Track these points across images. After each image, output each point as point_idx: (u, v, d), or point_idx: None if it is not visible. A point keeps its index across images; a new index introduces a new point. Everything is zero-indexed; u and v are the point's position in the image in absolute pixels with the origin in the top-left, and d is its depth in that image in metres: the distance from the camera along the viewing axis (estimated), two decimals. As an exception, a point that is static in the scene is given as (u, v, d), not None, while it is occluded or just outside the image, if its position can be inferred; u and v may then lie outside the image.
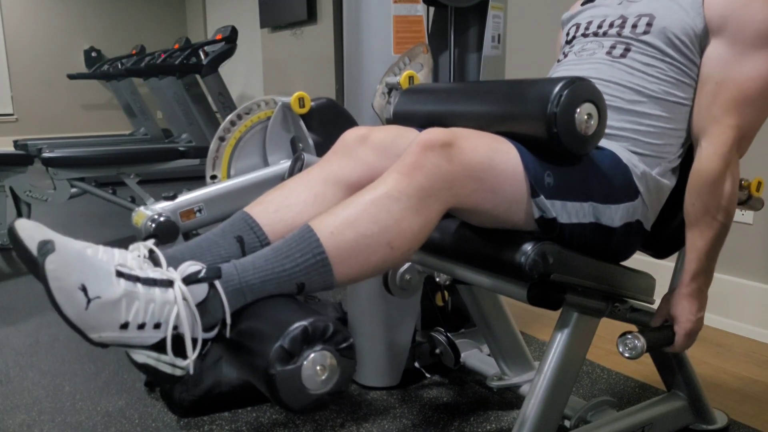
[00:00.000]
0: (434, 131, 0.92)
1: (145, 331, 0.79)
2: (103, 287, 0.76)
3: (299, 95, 1.44)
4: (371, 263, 0.90)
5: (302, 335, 0.78)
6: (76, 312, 0.74)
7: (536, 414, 1.07)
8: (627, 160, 1.10)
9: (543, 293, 1.05)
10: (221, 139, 1.49)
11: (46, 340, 1.97)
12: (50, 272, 0.73)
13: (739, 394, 1.62)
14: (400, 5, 1.48)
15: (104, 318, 0.76)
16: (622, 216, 1.07)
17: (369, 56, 1.51)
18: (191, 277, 0.82)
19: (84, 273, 0.75)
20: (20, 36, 7.09)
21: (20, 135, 6.98)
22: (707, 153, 1.09)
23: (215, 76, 4.81)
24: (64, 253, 0.74)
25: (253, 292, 0.85)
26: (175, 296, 0.80)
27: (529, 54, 2.56)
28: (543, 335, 1.97)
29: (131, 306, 0.77)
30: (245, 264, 0.86)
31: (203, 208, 1.36)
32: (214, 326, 0.83)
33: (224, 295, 0.83)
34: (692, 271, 1.12)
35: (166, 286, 0.80)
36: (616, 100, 1.13)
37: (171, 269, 0.83)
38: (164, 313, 0.79)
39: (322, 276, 0.88)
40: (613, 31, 1.20)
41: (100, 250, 0.86)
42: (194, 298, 0.81)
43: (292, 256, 0.87)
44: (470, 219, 1.04)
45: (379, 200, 0.89)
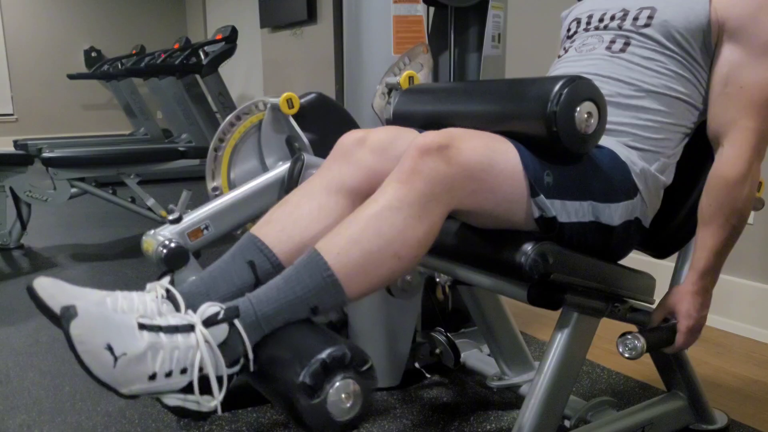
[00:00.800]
0: (430, 135, 0.92)
1: (173, 377, 0.82)
2: (128, 343, 0.79)
3: (287, 96, 1.44)
4: (380, 276, 0.91)
5: (322, 368, 0.81)
6: (105, 371, 0.77)
7: (536, 414, 1.07)
8: (625, 157, 1.10)
9: (543, 293, 1.05)
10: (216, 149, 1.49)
11: (46, 340, 1.97)
12: (76, 337, 0.76)
13: (739, 394, 1.62)
14: (400, 5, 1.48)
15: (132, 373, 0.79)
16: (621, 214, 1.07)
17: (369, 56, 1.51)
18: (211, 319, 0.85)
19: (108, 332, 0.78)
20: (20, 36, 7.09)
21: (20, 135, 6.98)
22: (729, 155, 1.09)
23: (215, 76, 4.81)
24: (87, 317, 0.77)
25: (270, 323, 0.88)
26: (197, 340, 0.83)
27: (529, 54, 2.56)
28: (543, 335, 1.97)
29: (157, 356, 0.80)
30: (259, 296, 0.89)
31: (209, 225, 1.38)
32: (237, 360, 0.86)
33: (244, 332, 0.86)
34: (700, 269, 1.12)
35: (188, 331, 0.83)
36: (614, 95, 1.13)
37: (190, 312, 0.86)
38: (189, 357, 0.82)
39: (333, 296, 0.90)
40: (614, 24, 1.20)
41: (119, 298, 0.91)
42: (215, 339, 0.84)
43: (302, 282, 0.89)
44: (471, 220, 1.04)
45: (380, 213, 0.90)
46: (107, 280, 2.60)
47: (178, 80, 4.95)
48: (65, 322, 0.75)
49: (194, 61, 4.77)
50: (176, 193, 3.53)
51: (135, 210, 3.28)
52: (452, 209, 0.94)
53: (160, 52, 5.25)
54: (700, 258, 1.12)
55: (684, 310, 1.12)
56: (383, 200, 0.91)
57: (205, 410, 0.86)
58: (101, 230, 3.51)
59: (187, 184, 3.73)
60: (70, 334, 0.75)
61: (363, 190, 1.06)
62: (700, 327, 1.13)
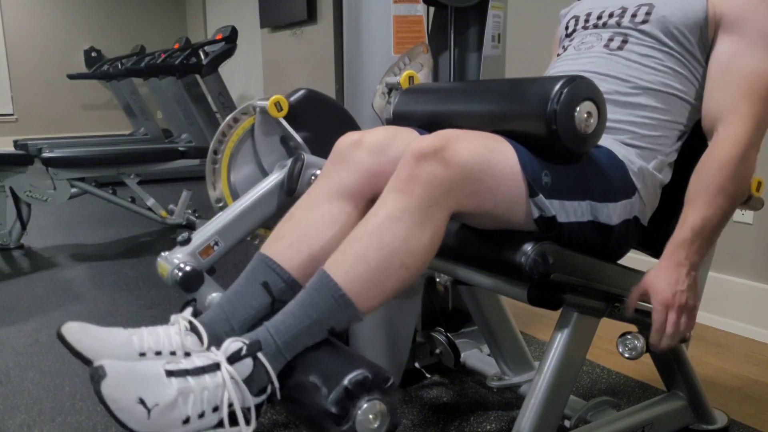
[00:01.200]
0: (425, 139, 0.92)
1: (206, 417, 0.85)
2: (159, 393, 0.81)
3: (275, 100, 1.43)
4: (390, 288, 0.94)
5: (346, 395, 0.85)
6: (141, 424, 0.80)
7: (536, 414, 1.07)
8: (623, 156, 1.10)
9: (543, 293, 1.05)
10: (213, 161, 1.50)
11: (46, 340, 1.97)
12: (108, 397, 0.78)
13: (739, 394, 1.62)
14: (400, 5, 1.48)
15: (167, 420, 0.81)
16: (620, 214, 1.07)
17: (369, 56, 1.51)
18: (235, 355, 0.88)
19: (138, 386, 0.80)
20: (20, 36, 7.09)
21: (20, 135, 6.98)
22: (723, 136, 1.07)
23: (215, 76, 4.81)
24: (115, 375, 0.80)
25: (291, 350, 0.91)
26: (224, 378, 0.86)
27: (529, 54, 2.56)
28: (543, 335, 1.97)
29: (187, 400, 0.83)
30: (277, 325, 0.92)
31: (219, 240, 1.40)
32: (264, 389, 0.89)
33: (268, 364, 0.89)
34: (675, 242, 1.04)
35: (214, 370, 0.86)
36: (612, 93, 1.13)
37: (214, 350, 0.89)
38: (218, 396, 0.85)
39: (348, 314, 0.93)
40: (612, 21, 1.20)
41: (144, 335, 0.96)
42: (241, 375, 0.87)
43: (316, 306, 0.91)
44: (472, 222, 1.04)
45: (382, 226, 0.91)
46: (107, 280, 2.60)
47: (178, 80, 4.95)
48: (95, 384, 0.78)
49: (194, 61, 4.77)
50: (176, 193, 3.54)
51: (135, 210, 3.28)
52: (453, 211, 0.94)
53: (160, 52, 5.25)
54: (677, 232, 1.05)
55: (657, 285, 1.03)
56: (384, 212, 0.92)
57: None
58: (101, 230, 3.51)
59: (187, 184, 3.73)
60: (102, 395, 0.78)
61: (365, 193, 1.07)
62: (678, 303, 1.02)
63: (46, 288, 2.50)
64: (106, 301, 2.33)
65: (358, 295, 0.91)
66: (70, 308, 2.26)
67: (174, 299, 2.34)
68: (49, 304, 2.31)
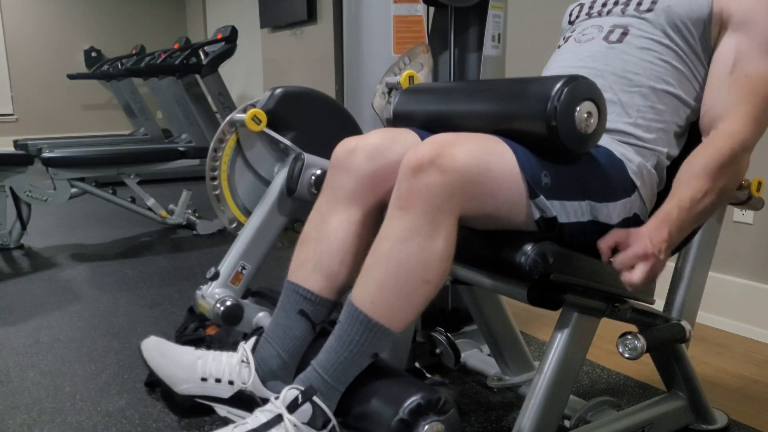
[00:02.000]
0: (420, 148, 0.92)
1: None
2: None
3: (251, 114, 1.43)
4: (417, 302, 0.98)
5: (417, 408, 0.91)
6: None
7: (536, 414, 1.07)
8: (621, 155, 1.10)
9: (543, 293, 1.05)
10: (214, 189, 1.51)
11: (46, 340, 1.97)
12: None
13: (739, 394, 1.62)
14: (400, 5, 1.48)
15: None
16: (619, 212, 1.07)
17: (369, 56, 1.51)
18: (293, 404, 0.97)
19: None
20: (20, 36, 7.09)
21: (20, 135, 6.98)
22: (723, 131, 1.07)
23: (215, 76, 4.80)
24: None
25: (342, 383, 0.99)
26: (287, 428, 0.95)
27: (529, 54, 2.56)
28: (543, 335, 1.97)
29: None
30: (324, 364, 0.99)
31: (245, 264, 1.46)
32: (327, 422, 0.97)
33: (324, 405, 0.97)
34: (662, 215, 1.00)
35: (278, 423, 0.95)
36: (606, 90, 1.12)
37: (273, 400, 0.99)
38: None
39: (383, 338, 0.98)
40: (617, 9, 1.20)
41: (209, 360, 1.11)
42: (302, 419, 0.96)
43: (353, 339, 0.97)
44: (474, 224, 1.04)
45: (394, 249, 0.94)
46: (107, 280, 2.60)
47: (178, 80, 4.95)
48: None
49: (194, 61, 4.77)
50: (176, 193, 3.54)
51: (135, 210, 3.28)
52: (459, 215, 0.94)
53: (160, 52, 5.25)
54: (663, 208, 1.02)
55: (639, 238, 0.97)
56: (392, 234, 0.94)
57: None
58: (101, 230, 3.51)
59: (187, 184, 3.73)
60: None
61: (367, 197, 1.09)
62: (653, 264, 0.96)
63: (46, 288, 2.50)
64: (106, 301, 2.33)
65: (389, 318, 0.96)
66: (70, 308, 2.26)
67: (174, 299, 2.34)
68: (49, 304, 2.31)
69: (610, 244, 1.00)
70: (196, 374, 1.10)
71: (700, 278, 1.34)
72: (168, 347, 1.10)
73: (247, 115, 1.43)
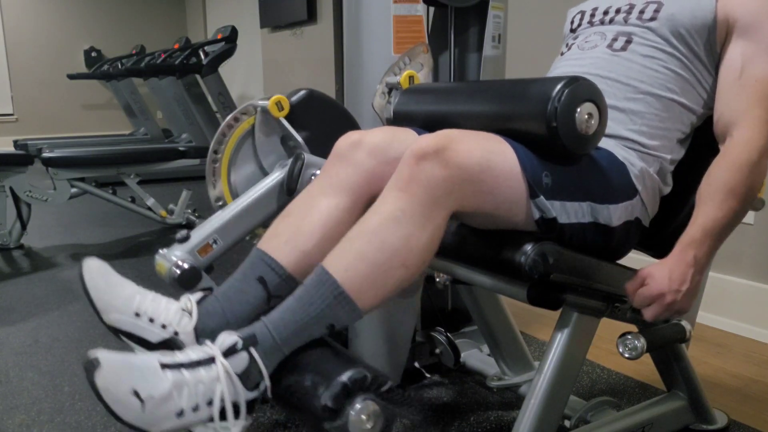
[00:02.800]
0: (425, 139, 0.92)
1: (200, 410, 0.85)
2: (153, 385, 0.81)
3: (276, 99, 1.43)
4: (390, 286, 0.93)
5: (343, 390, 0.84)
6: (135, 415, 0.80)
7: (536, 414, 1.07)
8: (624, 158, 1.09)
9: (543, 293, 1.05)
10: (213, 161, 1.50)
11: (45, 340, 1.97)
12: (102, 388, 0.78)
13: (739, 394, 1.62)
14: (400, 5, 1.48)
15: (161, 413, 0.82)
16: (620, 215, 1.06)
17: (369, 56, 1.51)
18: (230, 350, 0.88)
19: (132, 378, 0.81)
20: (20, 36, 7.09)
21: (20, 135, 6.98)
22: (739, 140, 1.06)
23: (215, 76, 4.80)
24: (110, 367, 0.80)
25: (289, 346, 0.90)
26: (219, 372, 0.86)
27: (529, 54, 2.56)
28: (543, 335, 1.97)
29: (182, 393, 0.83)
30: (275, 320, 0.91)
31: (218, 239, 1.40)
32: (257, 386, 0.89)
33: (261, 361, 0.88)
34: (687, 241, 1.03)
35: (209, 364, 0.86)
36: (610, 97, 1.13)
37: (209, 343, 0.90)
38: (211, 390, 0.85)
39: (346, 312, 0.92)
40: (619, 18, 1.20)
41: (147, 299, 0.99)
42: (236, 368, 0.87)
43: (315, 303, 0.91)
44: (472, 221, 1.04)
45: (383, 225, 0.91)
46: (107, 280, 2.60)
47: (178, 80, 4.95)
48: (90, 375, 0.78)
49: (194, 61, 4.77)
50: (176, 193, 3.54)
51: (135, 210, 3.28)
52: (454, 211, 0.94)
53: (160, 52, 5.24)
54: (687, 232, 1.04)
55: (657, 275, 1.01)
56: (385, 211, 0.92)
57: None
58: (101, 230, 3.51)
59: (187, 184, 3.72)
60: (97, 386, 0.78)
61: (363, 192, 1.07)
62: (668, 305, 1.00)
63: (46, 288, 2.50)
64: None
65: (358, 292, 0.91)
66: (69, 308, 2.26)
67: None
68: (49, 304, 2.31)
69: (636, 286, 1.03)
70: (131, 307, 0.98)
71: (700, 278, 1.34)
72: (111, 274, 0.99)
73: (271, 99, 1.43)
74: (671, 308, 1.01)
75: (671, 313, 1.02)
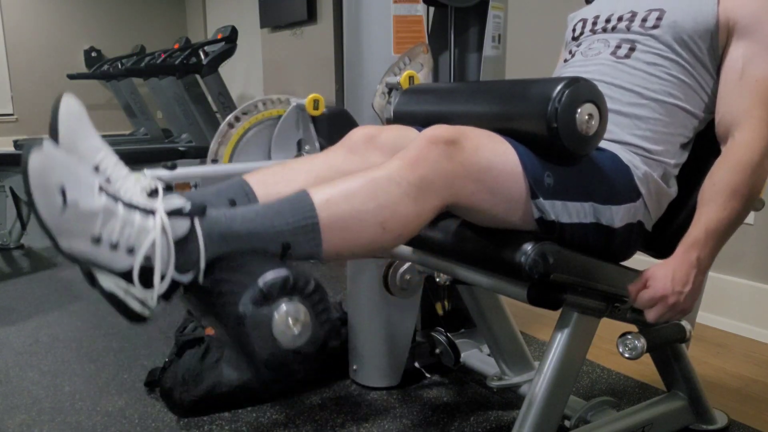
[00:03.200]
0: (441, 127, 0.93)
1: (117, 252, 0.77)
2: (83, 195, 0.74)
3: (315, 97, 1.45)
4: (361, 240, 0.88)
5: (282, 283, 0.77)
6: (51, 214, 0.73)
7: (536, 414, 1.07)
8: (628, 161, 1.09)
9: (543, 293, 1.05)
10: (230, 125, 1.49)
11: (46, 340, 1.97)
12: (32, 169, 0.72)
13: (739, 394, 1.62)
14: (400, 5, 1.48)
15: (78, 226, 0.74)
16: (623, 217, 1.06)
17: (369, 56, 1.51)
18: (175, 210, 0.80)
19: (66, 177, 0.73)
20: (20, 36, 7.09)
21: (20, 135, 6.97)
22: (741, 140, 1.07)
23: (215, 76, 4.80)
24: (52, 156, 0.73)
25: (237, 241, 0.82)
26: (155, 225, 0.78)
27: (529, 54, 2.56)
28: (543, 335, 1.97)
29: (107, 222, 0.76)
30: (234, 213, 0.84)
31: (199, 184, 1.36)
32: (188, 270, 0.81)
33: (203, 236, 0.80)
34: (690, 242, 1.04)
35: (147, 215, 0.78)
36: (615, 102, 1.13)
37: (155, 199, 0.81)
38: (140, 239, 0.77)
39: (309, 242, 0.85)
40: (622, 26, 1.20)
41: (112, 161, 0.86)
42: (174, 233, 0.79)
43: (283, 215, 0.85)
44: (469, 217, 1.04)
45: (380, 179, 0.89)
46: (107, 280, 2.60)
47: (178, 80, 4.94)
48: (26, 153, 0.72)
49: (194, 61, 4.77)
50: (176, 193, 3.53)
51: (135, 210, 3.28)
52: (448, 204, 0.94)
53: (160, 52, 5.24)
54: (690, 233, 1.05)
55: (659, 275, 1.02)
56: (385, 171, 0.90)
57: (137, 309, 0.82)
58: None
59: (187, 184, 3.72)
60: (28, 165, 0.72)
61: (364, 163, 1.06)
62: (671, 306, 1.02)
63: (46, 288, 2.50)
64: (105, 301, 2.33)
65: (329, 229, 0.85)
66: (69, 308, 2.26)
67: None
68: (49, 304, 2.31)
69: (638, 288, 1.04)
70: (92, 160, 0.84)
71: (700, 278, 1.34)
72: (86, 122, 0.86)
73: (309, 97, 1.43)
74: (674, 309, 1.02)
75: (674, 314, 1.03)
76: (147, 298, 0.81)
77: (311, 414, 1.51)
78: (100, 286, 0.81)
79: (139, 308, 0.82)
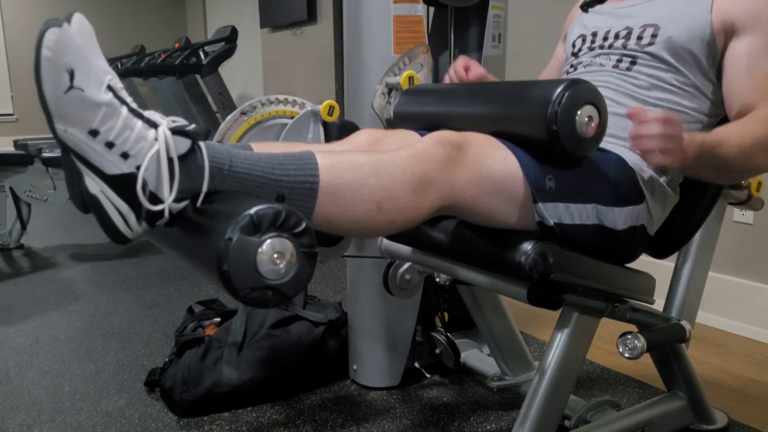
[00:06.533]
0: (449, 132, 0.94)
1: (112, 153, 0.75)
2: (91, 85, 0.73)
3: (330, 103, 1.46)
4: (354, 213, 0.87)
5: (274, 216, 0.74)
6: (54, 92, 0.71)
7: (536, 414, 1.07)
8: (634, 164, 1.09)
9: (543, 293, 1.05)
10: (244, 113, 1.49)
11: (45, 339, 1.97)
12: (47, 41, 0.70)
13: (739, 394, 1.62)
14: (400, 5, 1.48)
15: (78, 112, 0.72)
16: (626, 219, 1.06)
17: (369, 56, 1.51)
18: (178, 129, 0.78)
19: (79, 63, 0.72)
20: (20, 36, 7.09)
21: (20, 135, 6.98)
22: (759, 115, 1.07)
23: (215, 76, 4.81)
24: (70, 36, 0.71)
25: (234, 179, 0.81)
26: (156, 137, 0.76)
27: (529, 54, 2.56)
28: (543, 335, 1.97)
29: (108, 119, 0.74)
30: (237, 152, 0.83)
31: None
32: (181, 199, 0.79)
33: (207, 157, 0.78)
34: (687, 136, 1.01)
35: (150, 126, 0.77)
36: (622, 108, 1.14)
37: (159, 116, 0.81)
38: (137, 147, 0.75)
39: (305, 200, 0.84)
40: (618, 44, 1.21)
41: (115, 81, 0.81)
42: (174, 149, 0.77)
43: (285, 167, 0.84)
44: (468, 218, 1.04)
45: (386, 161, 0.89)
46: (107, 280, 2.60)
47: (178, 80, 4.95)
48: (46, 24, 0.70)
49: (194, 61, 4.77)
50: (176, 193, 3.54)
51: (135, 210, 3.28)
52: (447, 205, 0.94)
53: (160, 52, 5.25)
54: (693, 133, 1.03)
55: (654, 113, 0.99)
56: (393, 156, 0.90)
57: (118, 225, 0.80)
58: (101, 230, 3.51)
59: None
60: (44, 36, 0.70)
61: None
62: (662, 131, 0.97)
63: (46, 288, 2.50)
64: (105, 301, 2.33)
65: (326, 193, 0.84)
66: (69, 308, 2.26)
67: (173, 299, 2.34)
68: (49, 304, 2.31)
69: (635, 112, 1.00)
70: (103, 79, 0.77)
71: (700, 278, 1.34)
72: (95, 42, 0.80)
73: (325, 103, 1.44)
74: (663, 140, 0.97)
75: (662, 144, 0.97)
76: (130, 217, 0.79)
77: (311, 414, 1.51)
78: (85, 186, 0.78)
79: (121, 225, 0.80)
